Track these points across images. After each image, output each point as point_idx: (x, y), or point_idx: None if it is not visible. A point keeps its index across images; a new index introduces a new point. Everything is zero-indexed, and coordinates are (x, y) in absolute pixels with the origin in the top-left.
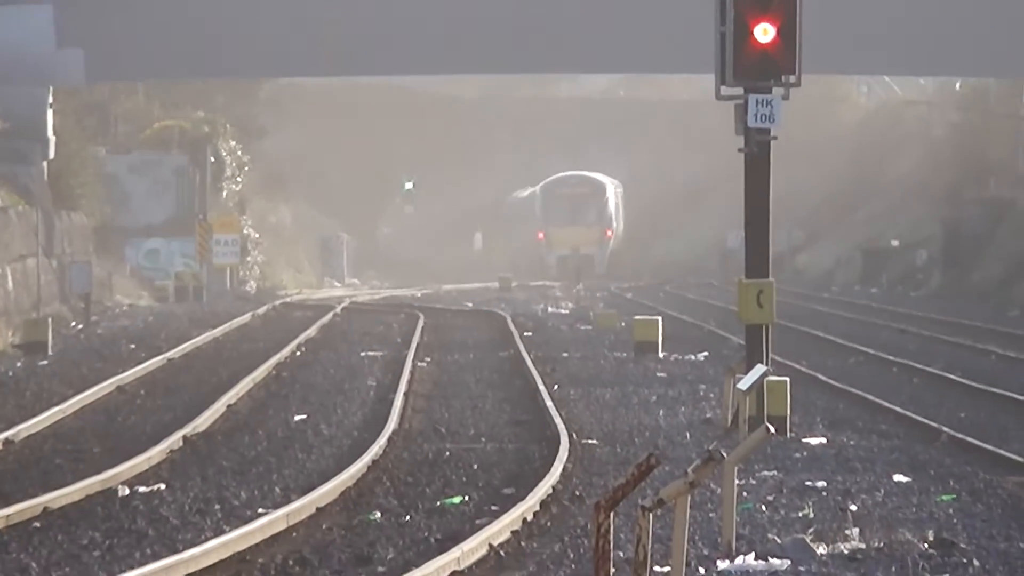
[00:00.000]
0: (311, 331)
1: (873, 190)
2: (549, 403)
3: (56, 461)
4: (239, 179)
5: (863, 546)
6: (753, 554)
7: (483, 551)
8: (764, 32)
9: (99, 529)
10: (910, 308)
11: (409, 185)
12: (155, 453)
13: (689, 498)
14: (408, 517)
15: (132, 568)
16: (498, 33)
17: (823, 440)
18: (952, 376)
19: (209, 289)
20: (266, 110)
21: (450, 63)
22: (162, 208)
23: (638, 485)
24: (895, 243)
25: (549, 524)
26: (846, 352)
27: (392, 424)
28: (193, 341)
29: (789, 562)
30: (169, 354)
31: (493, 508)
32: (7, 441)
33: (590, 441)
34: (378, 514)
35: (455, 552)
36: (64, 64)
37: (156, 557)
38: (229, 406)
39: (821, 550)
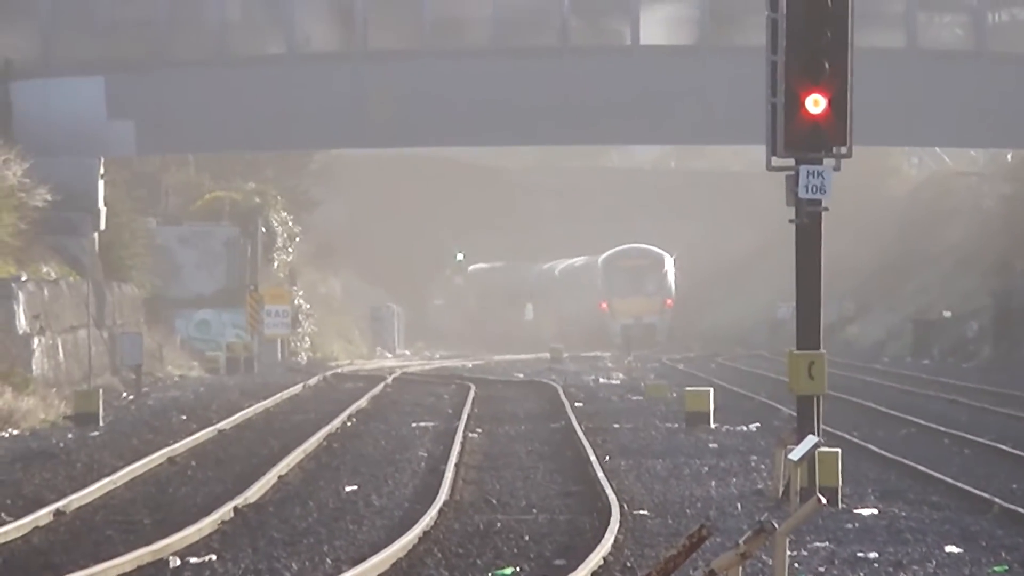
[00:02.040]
0: (362, 402)
1: (923, 261)
2: (600, 474)
3: (107, 532)
4: (290, 250)
5: None
6: None
7: None
8: (815, 103)
9: None
10: (961, 379)
11: (460, 256)
12: (206, 524)
13: (741, 569)
14: None
15: None
16: (548, 105)
17: (875, 511)
18: (1004, 447)
19: (260, 360)
20: (316, 182)
21: (500, 135)
22: (213, 279)
23: (689, 556)
24: (947, 314)
25: None
26: (897, 423)
27: (443, 495)
28: (244, 412)
29: None
30: (220, 425)
31: None
32: (58, 512)
33: (641, 512)
34: None
35: None
36: (115, 136)
37: None
38: (280, 477)
39: None
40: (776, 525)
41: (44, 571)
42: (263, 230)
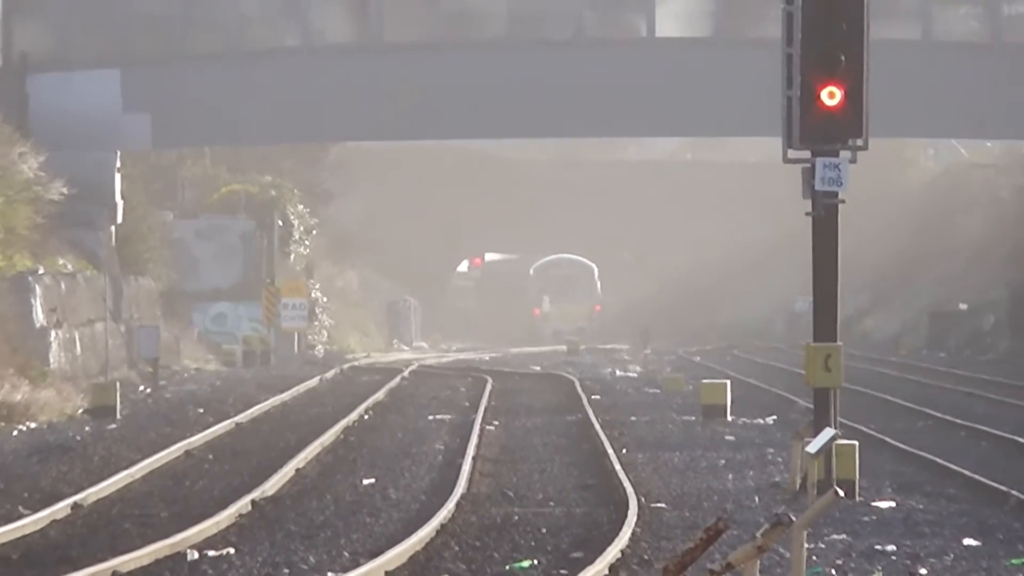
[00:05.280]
0: (379, 395)
1: (940, 253)
2: (617, 467)
3: (125, 525)
4: (307, 243)
5: None
6: None
7: None
8: (831, 96)
9: None
10: (978, 372)
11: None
12: (223, 517)
13: (758, 562)
14: None
15: None
16: (565, 97)
17: (892, 504)
18: (1021, 440)
19: (277, 353)
20: (333, 174)
21: (517, 127)
22: (229, 272)
23: (707, 549)
24: (963, 307)
25: None
26: (914, 416)
27: (460, 488)
28: (261, 405)
29: None
30: (237, 418)
31: (562, 572)
32: (76, 505)
33: (658, 505)
34: None
35: None
36: (131, 129)
37: None
38: (297, 470)
39: None
40: (793, 518)
41: (62, 564)
42: (279, 223)
